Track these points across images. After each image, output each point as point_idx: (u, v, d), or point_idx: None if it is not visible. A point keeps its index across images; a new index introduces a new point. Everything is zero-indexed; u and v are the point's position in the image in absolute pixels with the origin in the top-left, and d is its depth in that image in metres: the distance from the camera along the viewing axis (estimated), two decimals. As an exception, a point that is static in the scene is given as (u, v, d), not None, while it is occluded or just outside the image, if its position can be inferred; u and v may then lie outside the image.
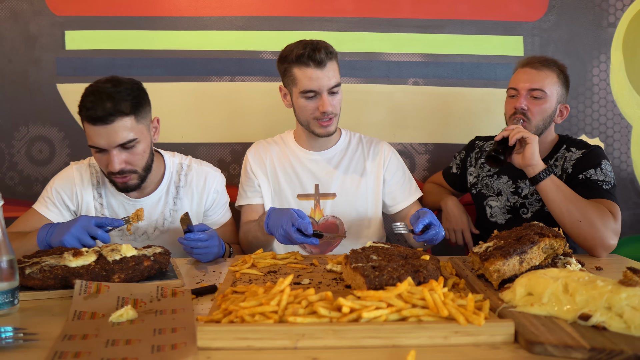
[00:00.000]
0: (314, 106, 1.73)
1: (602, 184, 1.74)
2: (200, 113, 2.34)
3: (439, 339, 0.92)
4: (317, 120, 1.76)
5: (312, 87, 1.70)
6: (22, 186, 2.31)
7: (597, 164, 1.77)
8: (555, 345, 0.89)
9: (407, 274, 1.10)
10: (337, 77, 1.74)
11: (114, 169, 1.56)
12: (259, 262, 1.44)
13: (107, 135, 1.52)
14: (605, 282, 1.00)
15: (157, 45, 2.30)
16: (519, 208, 1.91)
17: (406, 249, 1.30)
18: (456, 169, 2.14)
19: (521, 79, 1.85)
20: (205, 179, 1.80)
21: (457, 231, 1.96)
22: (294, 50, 1.70)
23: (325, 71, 1.69)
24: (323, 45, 1.71)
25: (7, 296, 1.09)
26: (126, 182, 1.61)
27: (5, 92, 2.28)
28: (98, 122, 1.51)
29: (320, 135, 1.80)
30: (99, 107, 1.50)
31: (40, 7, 2.26)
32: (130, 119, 1.55)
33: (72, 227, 1.41)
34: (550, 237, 1.26)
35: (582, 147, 1.84)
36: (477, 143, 2.10)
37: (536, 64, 1.85)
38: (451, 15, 2.35)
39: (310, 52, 1.67)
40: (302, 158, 1.88)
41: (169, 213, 1.77)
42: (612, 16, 2.37)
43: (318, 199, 1.83)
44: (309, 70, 1.69)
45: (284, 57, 1.75)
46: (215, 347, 0.91)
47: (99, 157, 1.59)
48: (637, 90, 2.39)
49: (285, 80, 1.78)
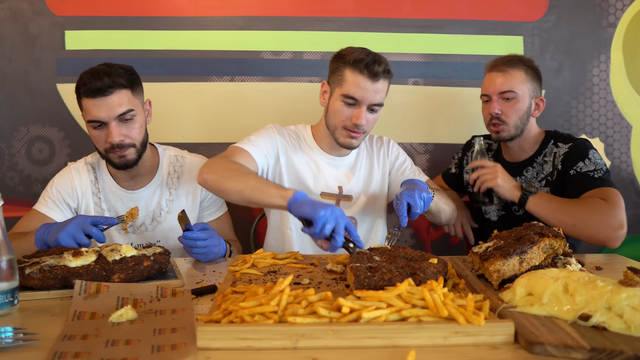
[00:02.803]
0: (349, 114, 1.69)
1: (594, 173, 1.75)
2: (200, 113, 2.34)
3: (439, 339, 0.92)
4: (345, 130, 1.71)
5: (357, 95, 1.66)
6: (22, 186, 2.31)
7: (584, 155, 1.79)
8: (555, 345, 0.89)
9: (402, 276, 1.10)
10: (383, 97, 1.70)
11: (114, 141, 1.61)
12: (259, 262, 1.44)
13: (107, 106, 1.59)
14: (605, 282, 1.00)
15: (157, 45, 2.30)
16: (511, 205, 1.92)
17: (414, 252, 1.29)
18: (455, 168, 2.15)
19: (490, 84, 1.88)
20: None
21: (456, 224, 1.98)
22: (355, 54, 1.67)
23: (375, 85, 1.65)
24: (384, 61, 1.68)
25: (7, 296, 1.09)
26: (124, 155, 1.65)
27: (5, 92, 2.28)
28: (97, 94, 1.58)
29: (342, 145, 1.76)
30: (97, 81, 1.58)
31: (40, 7, 2.26)
32: (127, 91, 1.63)
33: (68, 226, 1.41)
34: (550, 237, 1.26)
35: (568, 142, 1.86)
36: (473, 142, 2.11)
37: (501, 67, 1.87)
38: (451, 15, 2.35)
39: (370, 62, 1.64)
40: (322, 161, 1.84)
41: (165, 203, 1.79)
42: (612, 16, 2.37)
43: (339, 200, 1.83)
44: (361, 77, 1.65)
45: (341, 55, 1.70)
46: (215, 347, 0.91)
47: (97, 133, 1.64)
48: (637, 90, 2.39)
49: (333, 77, 1.73)
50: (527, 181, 1.89)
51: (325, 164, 1.84)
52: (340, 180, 1.85)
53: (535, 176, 1.89)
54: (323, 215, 1.30)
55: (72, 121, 2.29)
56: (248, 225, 2.22)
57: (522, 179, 1.91)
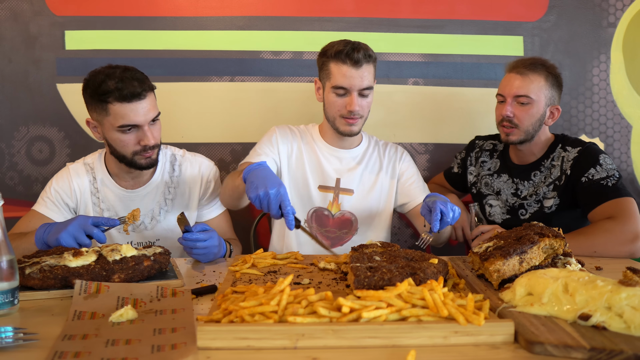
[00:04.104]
0: (343, 103, 1.77)
1: (607, 181, 1.73)
2: (200, 113, 2.34)
3: (439, 339, 0.92)
4: (343, 118, 1.79)
5: (344, 84, 1.74)
6: (22, 186, 2.31)
7: (595, 161, 1.77)
8: (555, 345, 0.89)
9: (402, 276, 1.10)
10: (371, 81, 1.77)
11: (150, 143, 1.64)
12: (259, 262, 1.44)
13: (143, 110, 1.62)
14: (605, 282, 1.00)
15: (157, 45, 2.30)
16: (517, 209, 1.91)
17: (414, 252, 1.29)
18: (457, 168, 2.14)
19: (507, 85, 1.86)
20: (200, 168, 1.85)
21: (457, 228, 1.98)
22: (335, 46, 1.75)
23: (359, 71, 1.73)
24: (363, 46, 1.75)
25: (7, 296, 1.09)
26: (151, 156, 1.68)
27: (5, 92, 2.28)
28: (134, 98, 1.59)
29: (343, 134, 1.83)
30: (130, 85, 1.59)
31: (40, 7, 2.26)
32: (153, 94, 1.67)
33: (69, 226, 1.41)
34: (550, 237, 1.26)
35: (577, 145, 1.84)
36: (477, 142, 2.11)
37: (521, 69, 1.83)
38: (451, 15, 2.35)
39: (349, 51, 1.72)
40: (326, 153, 1.90)
41: (164, 202, 1.80)
42: (612, 16, 2.37)
43: (337, 193, 1.86)
44: (344, 67, 1.73)
45: (324, 51, 1.80)
46: (215, 347, 0.91)
47: (127, 137, 1.64)
48: (637, 90, 2.39)
49: (321, 73, 1.82)
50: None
51: (328, 156, 1.89)
52: (341, 172, 1.87)
53: (543, 180, 1.87)
54: (255, 197, 1.40)
55: (72, 121, 2.29)
56: (248, 225, 2.22)
57: (530, 183, 1.90)
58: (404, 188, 1.90)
